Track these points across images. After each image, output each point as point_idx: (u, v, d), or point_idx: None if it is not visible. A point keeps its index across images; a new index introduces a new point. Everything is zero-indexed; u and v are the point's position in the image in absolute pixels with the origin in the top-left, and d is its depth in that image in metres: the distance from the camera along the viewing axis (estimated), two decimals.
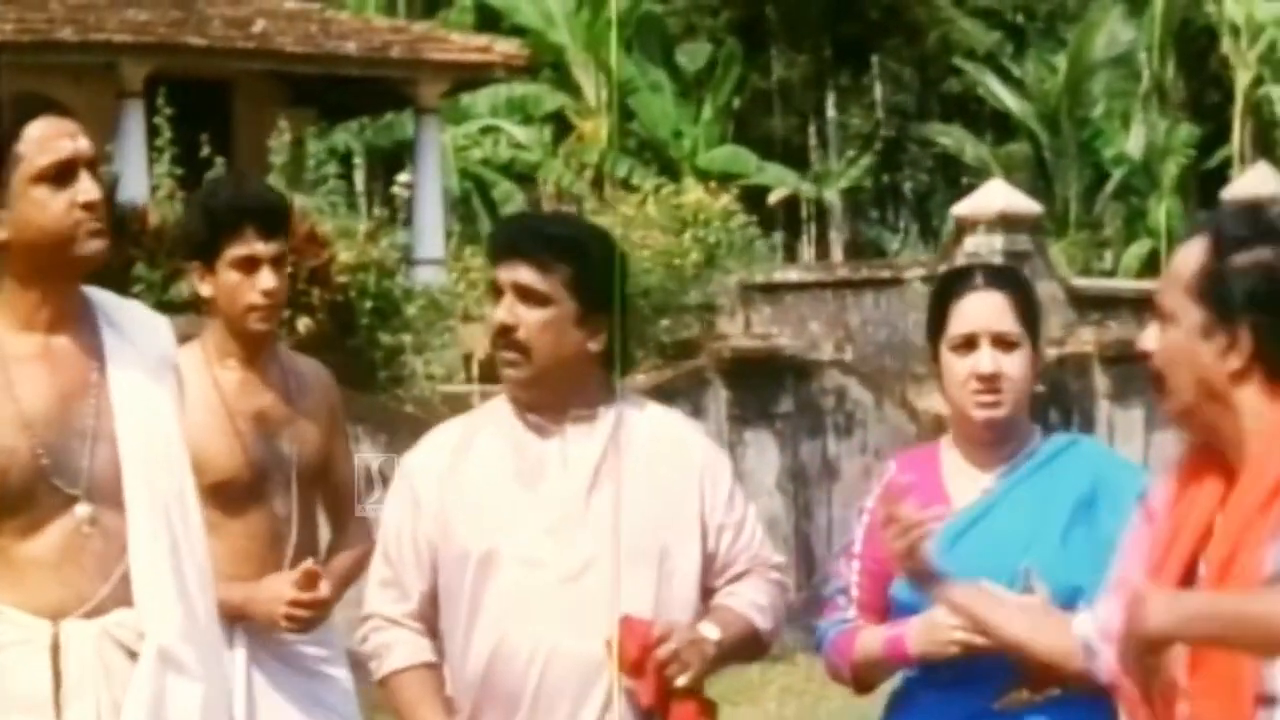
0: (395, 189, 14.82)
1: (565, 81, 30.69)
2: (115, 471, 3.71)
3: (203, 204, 5.05)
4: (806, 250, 32.65)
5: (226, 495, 4.77)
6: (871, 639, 4.08)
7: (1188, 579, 3.31)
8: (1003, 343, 4.06)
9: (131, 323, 3.87)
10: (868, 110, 32.84)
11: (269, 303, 4.81)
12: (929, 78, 32.30)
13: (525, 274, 4.02)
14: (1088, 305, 17.05)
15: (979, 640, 3.80)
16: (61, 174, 3.66)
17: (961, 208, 17.06)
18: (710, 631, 3.99)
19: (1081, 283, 18.65)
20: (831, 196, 31.39)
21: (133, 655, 3.67)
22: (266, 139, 15.81)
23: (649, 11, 31.01)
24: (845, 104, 32.33)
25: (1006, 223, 16.24)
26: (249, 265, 4.78)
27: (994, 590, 3.80)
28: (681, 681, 3.88)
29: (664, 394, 9.60)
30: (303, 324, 12.66)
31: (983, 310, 4.08)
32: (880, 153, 32.55)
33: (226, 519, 4.76)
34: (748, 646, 4.14)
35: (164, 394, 3.84)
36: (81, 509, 3.67)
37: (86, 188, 3.67)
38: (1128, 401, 14.87)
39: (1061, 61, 28.92)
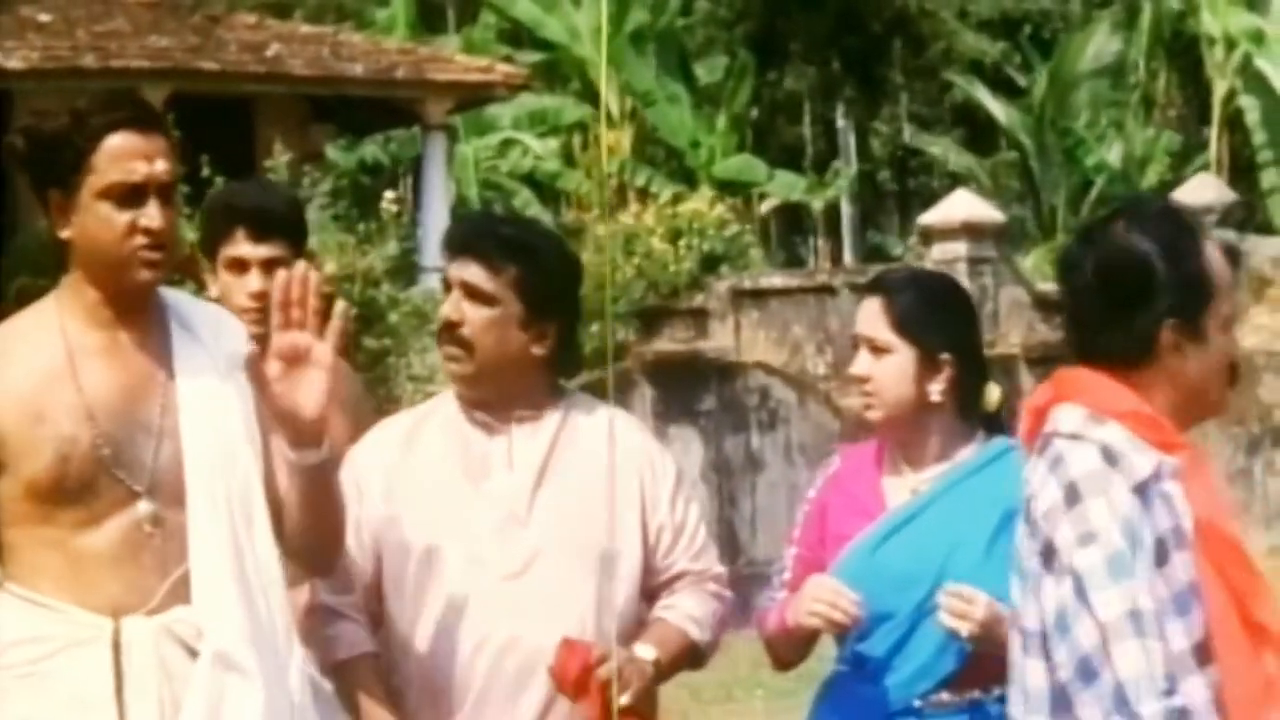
0: (384, 204, 15.84)
1: (589, 94, 31.52)
2: (179, 470, 3.64)
3: (204, 207, 5.04)
4: (843, 255, 33.31)
5: None
6: (769, 614, 4.18)
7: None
8: (873, 347, 4.15)
9: (203, 322, 3.80)
10: (875, 120, 33.56)
11: (255, 305, 4.61)
12: (933, 89, 33.03)
13: (473, 272, 4.03)
14: (1053, 308, 17.69)
15: (836, 616, 3.96)
16: (128, 195, 3.58)
17: (927, 217, 17.61)
18: (646, 652, 3.99)
19: (1046, 286, 19.18)
20: (844, 203, 32.22)
21: (193, 653, 3.60)
22: (287, 153, 16.95)
23: (668, 26, 31.83)
24: (853, 114, 33.08)
25: (970, 230, 16.80)
26: (238, 267, 4.67)
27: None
28: (624, 700, 3.86)
29: (590, 395, 10.50)
30: None
31: (863, 315, 4.21)
32: (886, 161, 33.36)
33: None
34: (685, 659, 4.12)
35: (232, 395, 3.73)
36: (144, 506, 3.61)
37: (151, 214, 3.59)
38: None
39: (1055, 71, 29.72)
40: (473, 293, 4.03)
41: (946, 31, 32.53)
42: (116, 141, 3.57)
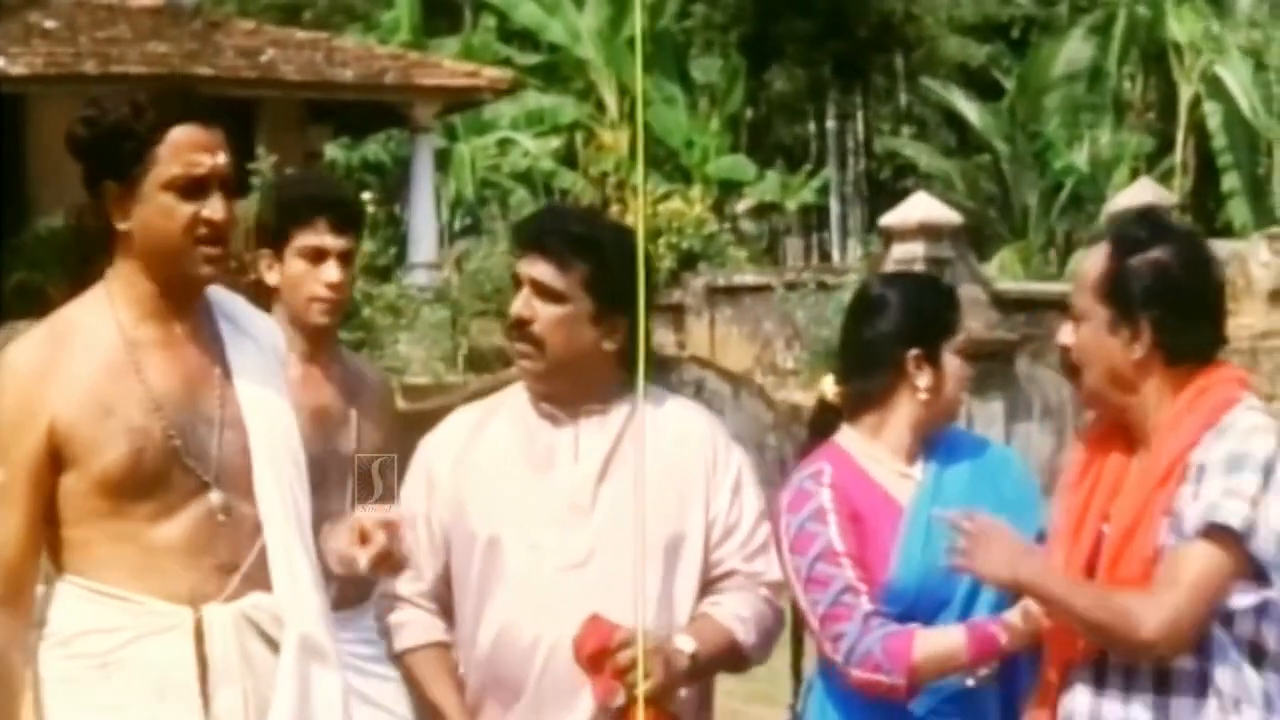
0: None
1: (590, 94, 32.19)
2: (243, 459, 3.63)
3: (277, 193, 5.00)
4: (831, 253, 33.93)
5: None
6: (942, 640, 3.91)
7: (1099, 539, 3.63)
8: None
9: (245, 316, 3.81)
10: (860, 123, 34.24)
11: (332, 295, 4.67)
12: (917, 93, 33.70)
13: (543, 270, 3.96)
14: (1011, 307, 17.73)
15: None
16: (192, 188, 3.56)
17: (888, 218, 17.95)
18: (685, 644, 3.90)
19: (1004, 286, 19.39)
20: (833, 203, 32.99)
21: (269, 642, 3.60)
22: (286, 153, 17.81)
23: (664, 29, 32.59)
24: (842, 116, 33.76)
25: (927, 232, 17.15)
26: (316, 256, 4.65)
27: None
28: (645, 688, 3.77)
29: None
30: None
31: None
32: (873, 162, 34.08)
33: None
34: (727, 659, 4.01)
35: (280, 385, 3.78)
36: (215, 497, 3.59)
37: (214, 205, 3.57)
38: (987, 395, 15.72)
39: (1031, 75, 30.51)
40: (543, 290, 3.97)
41: (929, 37, 33.26)
42: (180, 134, 3.55)
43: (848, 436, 4.12)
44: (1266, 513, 3.46)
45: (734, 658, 4.02)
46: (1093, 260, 3.65)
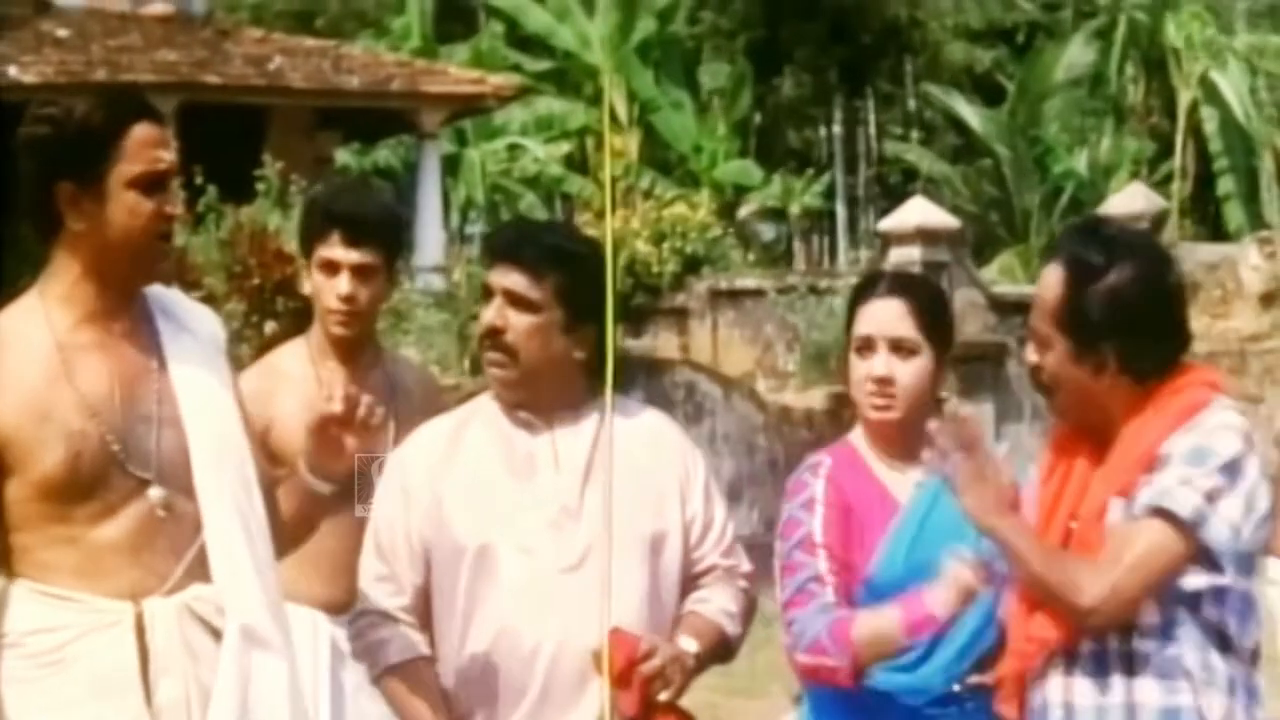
0: None
1: (599, 99, 32.26)
2: (183, 456, 3.65)
3: (305, 206, 5.15)
4: (838, 257, 34.01)
5: None
6: (877, 619, 3.94)
7: (1068, 535, 3.67)
8: (899, 348, 4.07)
9: (183, 310, 3.84)
10: (866, 127, 34.34)
11: (344, 308, 4.73)
12: (922, 97, 33.85)
13: (516, 280, 4.02)
14: (1008, 310, 17.70)
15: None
16: (154, 183, 3.61)
17: (885, 223, 18.22)
18: (689, 645, 4.01)
19: (1001, 289, 19.46)
20: (839, 207, 33.07)
21: (213, 631, 3.62)
22: (295, 159, 17.97)
23: (673, 34, 32.81)
24: (850, 122, 33.86)
25: (924, 236, 17.35)
26: (330, 269, 4.74)
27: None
28: (665, 696, 3.89)
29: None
30: (269, 326, 14.84)
31: (882, 315, 4.09)
32: (878, 167, 34.21)
33: None
34: (718, 653, 4.13)
35: (222, 379, 3.79)
36: (155, 493, 3.61)
37: (174, 201, 3.65)
38: (978, 397, 16.01)
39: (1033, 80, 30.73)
40: (516, 300, 4.03)
41: (934, 42, 33.42)
42: (141, 131, 3.60)
43: (857, 433, 4.20)
44: (1224, 507, 3.52)
45: (724, 651, 4.16)
46: (1048, 286, 3.62)
